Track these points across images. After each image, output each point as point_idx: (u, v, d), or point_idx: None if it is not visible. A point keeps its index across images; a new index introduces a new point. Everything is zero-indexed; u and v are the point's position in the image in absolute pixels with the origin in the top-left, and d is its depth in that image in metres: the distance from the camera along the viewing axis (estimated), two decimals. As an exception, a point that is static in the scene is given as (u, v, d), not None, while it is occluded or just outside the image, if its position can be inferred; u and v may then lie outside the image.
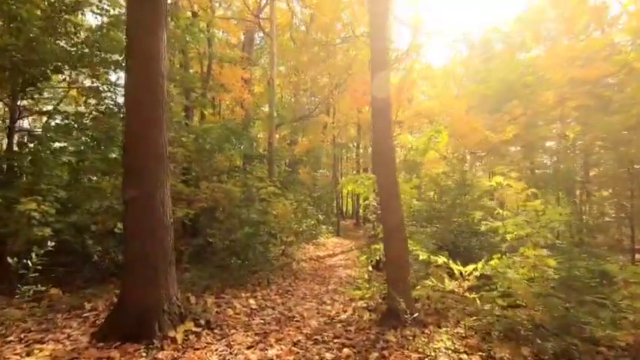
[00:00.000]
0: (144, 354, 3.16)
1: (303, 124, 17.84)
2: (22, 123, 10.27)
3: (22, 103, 7.12)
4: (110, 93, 7.21)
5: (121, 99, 7.15)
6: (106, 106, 7.03)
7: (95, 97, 7.24)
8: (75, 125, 6.71)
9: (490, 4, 48.23)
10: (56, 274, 5.06)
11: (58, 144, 5.90)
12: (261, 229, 7.24)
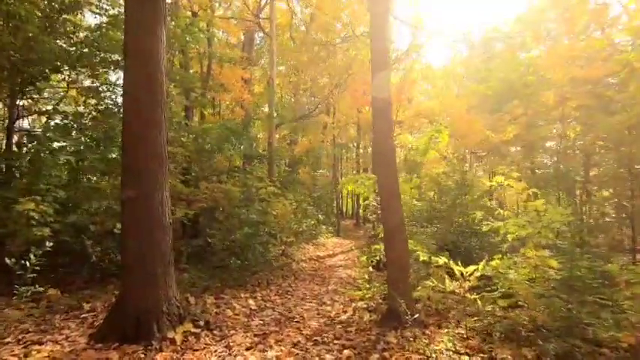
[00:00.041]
0: (142, 355, 3.13)
1: (303, 124, 17.81)
2: (22, 123, 10.27)
3: (21, 102, 7.10)
4: (110, 93, 7.19)
5: (121, 99, 7.13)
6: (106, 106, 7.01)
7: (95, 97, 7.22)
8: (74, 125, 6.70)
9: (490, 4, 48.24)
10: (55, 274, 5.04)
11: (57, 144, 5.87)
12: (261, 229, 7.21)
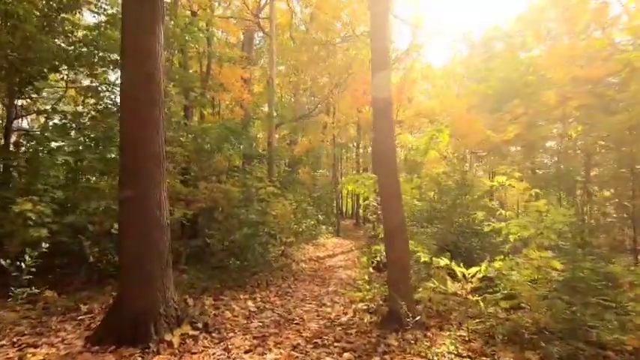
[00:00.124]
0: (139, 358, 3.08)
1: (302, 123, 17.76)
2: (21, 123, 10.22)
3: (19, 102, 7.05)
4: (109, 92, 7.14)
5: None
6: (105, 106, 6.96)
7: (94, 97, 7.17)
8: (73, 125, 6.65)
9: (490, 3, 48.20)
10: (53, 275, 4.99)
11: (54, 144, 5.82)
12: (261, 229, 7.17)
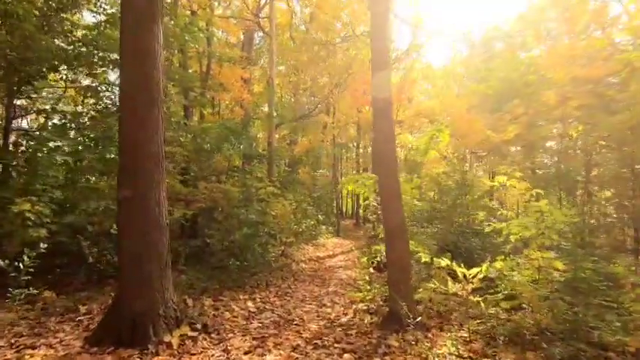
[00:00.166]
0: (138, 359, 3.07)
1: (302, 123, 17.74)
2: (21, 122, 10.19)
3: (18, 102, 7.03)
4: (109, 92, 7.12)
5: (120, 98, 7.05)
6: (105, 106, 6.94)
7: (93, 97, 7.15)
8: (72, 125, 6.63)
9: (490, 3, 48.19)
10: (52, 276, 4.96)
11: (53, 143, 5.79)
12: (260, 229, 7.14)
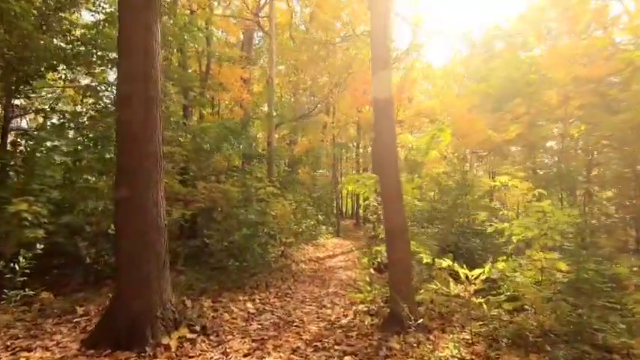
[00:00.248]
0: (135, 362, 3.02)
1: (302, 123, 17.69)
2: (20, 122, 10.13)
3: (17, 101, 6.97)
4: (108, 92, 7.07)
5: (119, 98, 7.00)
6: (104, 105, 6.89)
7: (92, 96, 7.10)
8: (71, 125, 6.58)
9: (490, 3, 48.15)
10: (49, 277, 4.91)
11: (50, 143, 5.75)
12: (260, 230, 7.09)
